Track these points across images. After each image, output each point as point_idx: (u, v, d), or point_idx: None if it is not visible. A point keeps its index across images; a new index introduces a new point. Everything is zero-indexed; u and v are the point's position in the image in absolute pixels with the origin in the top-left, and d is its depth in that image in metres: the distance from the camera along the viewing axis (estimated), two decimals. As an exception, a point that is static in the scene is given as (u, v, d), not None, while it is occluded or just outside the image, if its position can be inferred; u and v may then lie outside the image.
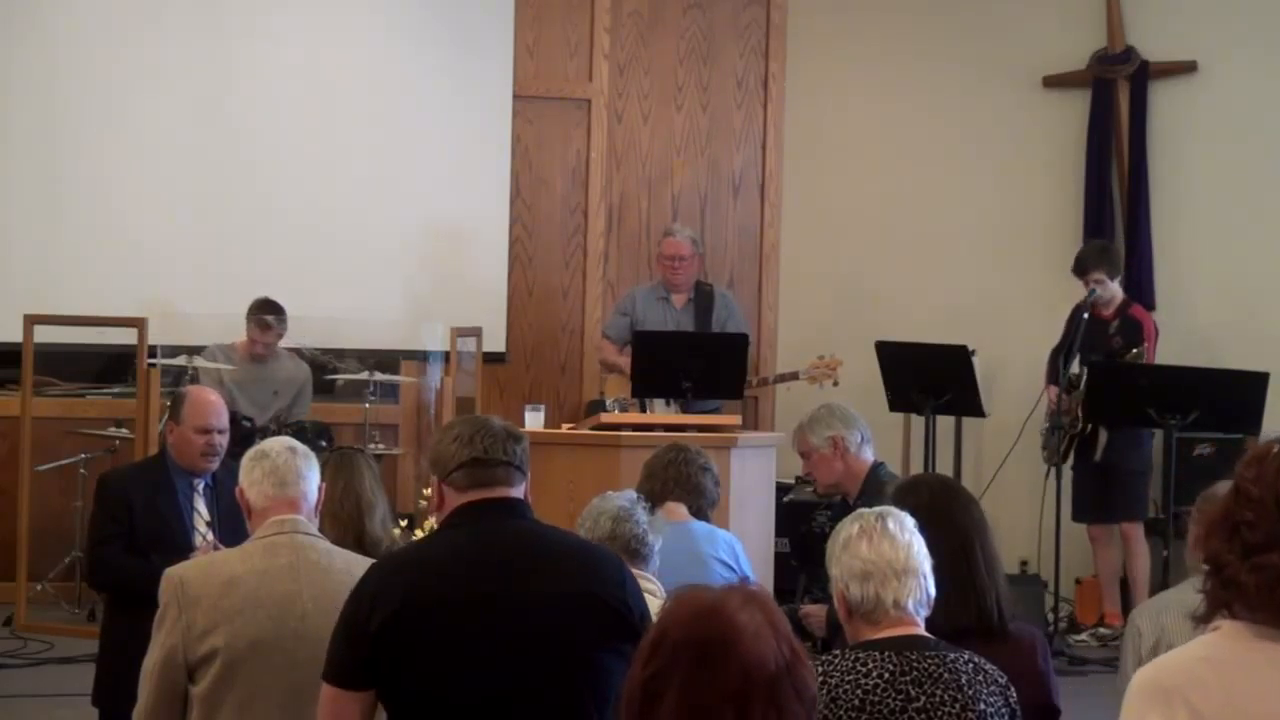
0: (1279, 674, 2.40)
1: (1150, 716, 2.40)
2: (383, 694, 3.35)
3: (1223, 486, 4.49)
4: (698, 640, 2.39)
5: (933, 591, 3.37)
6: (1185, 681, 2.41)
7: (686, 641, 2.40)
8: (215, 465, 5.59)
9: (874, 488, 5.74)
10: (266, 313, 8.63)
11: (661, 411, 8.19)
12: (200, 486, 5.63)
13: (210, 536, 5.48)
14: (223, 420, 5.62)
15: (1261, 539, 2.42)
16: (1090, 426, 8.34)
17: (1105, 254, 8.56)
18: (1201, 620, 2.48)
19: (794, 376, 8.90)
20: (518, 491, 3.48)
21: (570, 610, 3.34)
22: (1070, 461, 8.46)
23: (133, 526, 5.51)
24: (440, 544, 3.50)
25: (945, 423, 8.74)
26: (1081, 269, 8.53)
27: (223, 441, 5.61)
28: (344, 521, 4.75)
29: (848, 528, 3.41)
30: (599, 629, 3.33)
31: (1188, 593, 4.26)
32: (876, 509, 3.46)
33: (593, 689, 3.33)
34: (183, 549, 5.28)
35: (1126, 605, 8.32)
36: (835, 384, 8.55)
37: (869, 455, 6.09)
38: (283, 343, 8.84)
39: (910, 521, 3.41)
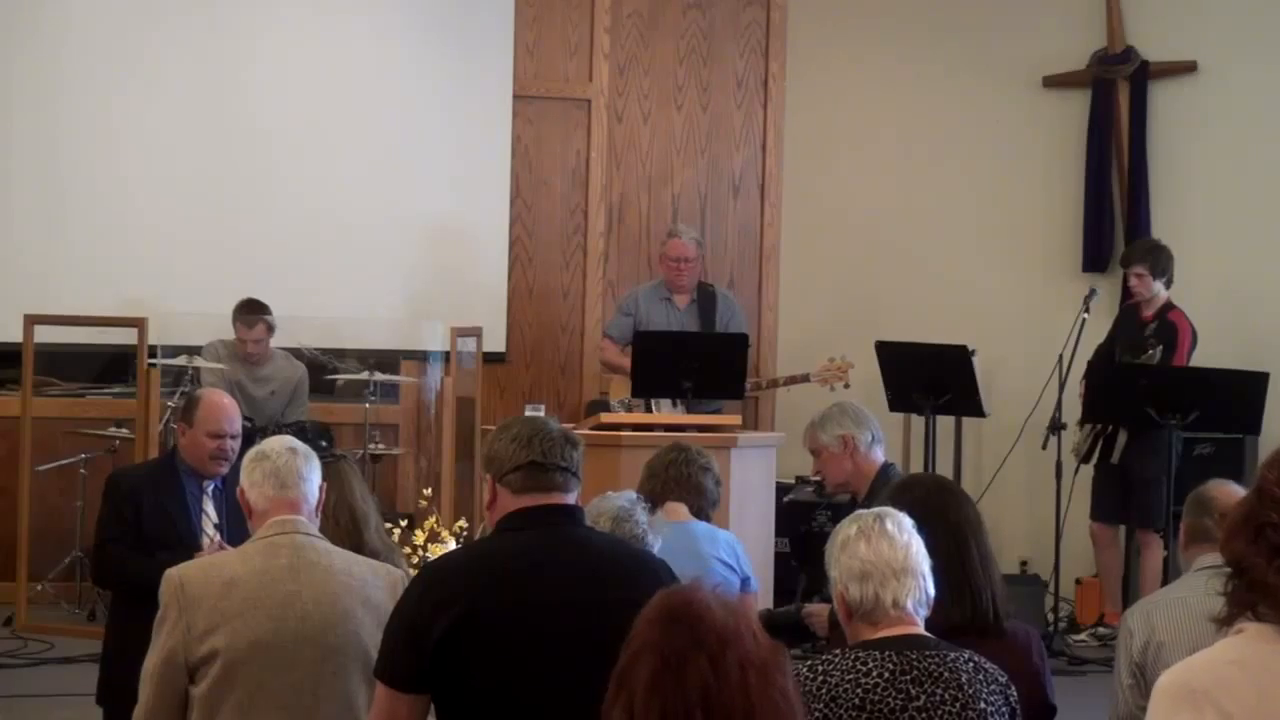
0: None
1: (1179, 718, 2.39)
2: (439, 698, 3.33)
3: (1213, 486, 4.53)
4: (666, 609, 2.46)
5: (932, 591, 3.37)
6: (1214, 684, 2.39)
7: (656, 616, 2.46)
8: (225, 469, 5.51)
9: (882, 488, 5.72)
10: (248, 312, 8.63)
11: (666, 411, 8.19)
12: (209, 489, 5.59)
13: (217, 538, 5.46)
14: (235, 425, 5.56)
15: None
16: (1112, 427, 8.29)
17: (1150, 251, 8.46)
18: (1224, 623, 2.46)
19: (804, 378, 8.90)
20: (572, 498, 3.47)
21: (629, 618, 3.36)
22: (1094, 460, 8.43)
23: (140, 527, 5.49)
24: (499, 550, 3.46)
25: (945, 423, 8.73)
26: (1125, 262, 8.58)
27: (234, 446, 5.52)
28: (341, 536, 4.73)
29: (846, 528, 3.41)
30: None
31: (1177, 591, 4.27)
32: (874, 509, 3.47)
33: None
34: (190, 550, 5.25)
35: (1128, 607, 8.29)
36: (846, 386, 8.56)
37: (879, 455, 6.04)
38: (283, 342, 8.84)
39: (908, 522, 3.41)
